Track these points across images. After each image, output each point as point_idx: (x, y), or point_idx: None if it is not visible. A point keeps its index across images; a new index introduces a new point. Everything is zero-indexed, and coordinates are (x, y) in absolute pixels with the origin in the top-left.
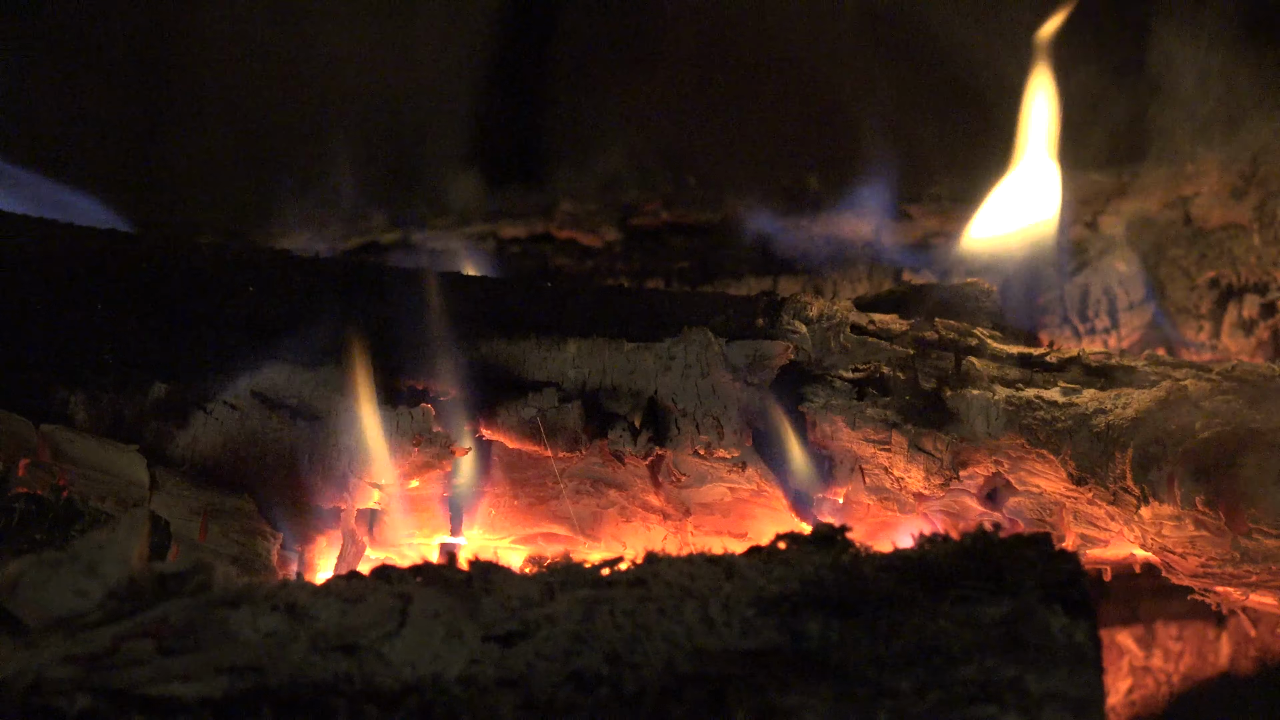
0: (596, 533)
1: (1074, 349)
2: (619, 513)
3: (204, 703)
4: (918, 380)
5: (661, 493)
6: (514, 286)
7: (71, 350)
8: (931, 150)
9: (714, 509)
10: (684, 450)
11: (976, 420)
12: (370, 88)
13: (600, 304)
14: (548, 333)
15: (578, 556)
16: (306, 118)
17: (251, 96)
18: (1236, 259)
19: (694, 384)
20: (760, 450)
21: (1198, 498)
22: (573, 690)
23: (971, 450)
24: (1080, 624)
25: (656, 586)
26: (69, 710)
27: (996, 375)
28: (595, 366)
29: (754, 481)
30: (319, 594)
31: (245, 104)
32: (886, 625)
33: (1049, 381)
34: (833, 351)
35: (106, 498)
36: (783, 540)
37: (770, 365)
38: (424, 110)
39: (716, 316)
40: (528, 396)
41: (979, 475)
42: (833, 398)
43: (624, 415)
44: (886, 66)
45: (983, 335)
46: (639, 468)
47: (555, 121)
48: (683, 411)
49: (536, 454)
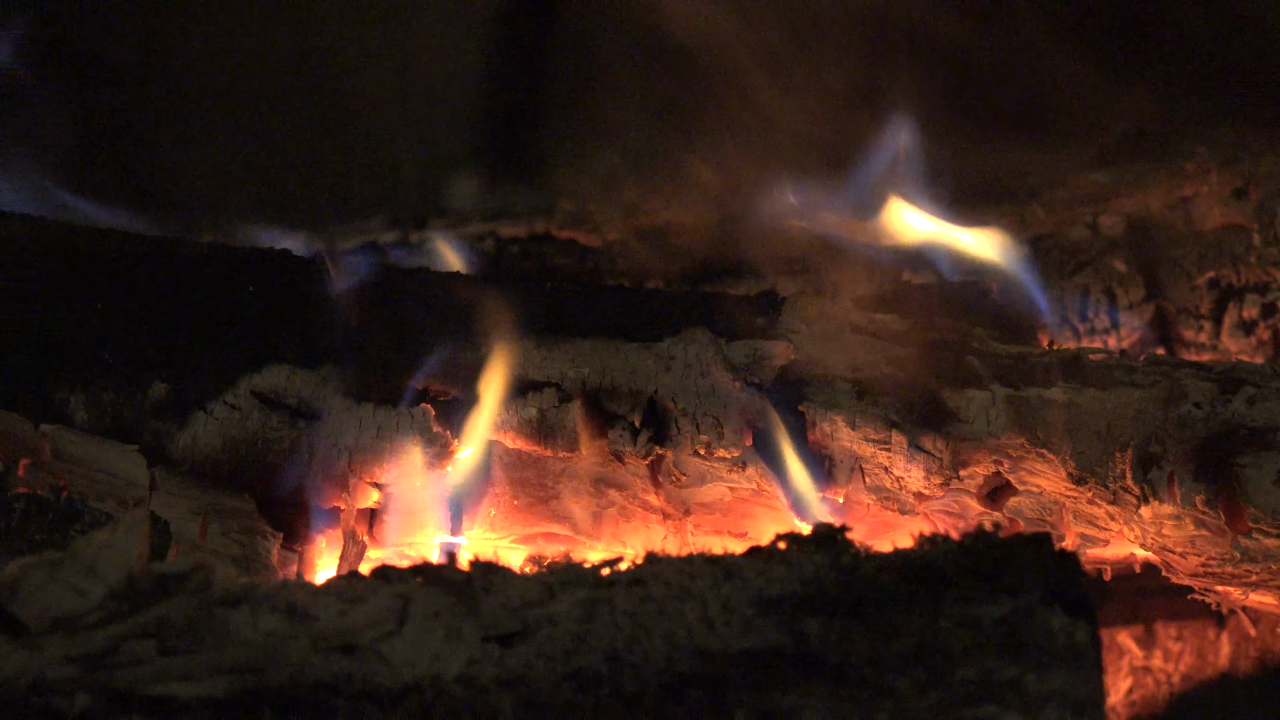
0: (596, 533)
1: (1074, 349)
2: (619, 512)
3: (204, 703)
4: (917, 380)
5: (661, 492)
6: (514, 286)
7: (71, 350)
8: (933, 150)
9: (714, 508)
10: (684, 450)
11: (977, 420)
12: (370, 87)
13: (600, 303)
14: (547, 332)
15: (578, 556)
16: (307, 117)
17: (251, 96)
18: (1236, 259)
19: (694, 384)
20: (760, 450)
21: (1198, 497)
22: (573, 690)
23: (972, 450)
24: (1080, 624)
25: (656, 586)
26: (69, 710)
27: (997, 374)
28: (595, 366)
29: (754, 481)
30: (319, 594)
31: (245, 103)
32: (886, 625)
33: (1049, 381)
34: (833, 351)
35: (106, 498)
36: (783, 540)
37: (770, 365)
38: (424, 110)
39: (716, 316)
40: (528, 396)
41: (979, 475)
42: (833, 397)
43: (624, 415)
44: (887, 64)
45: (983, 335)
46: (639, 467)
47: (555, 121)
48: (683, 411)
49: (536, 454)
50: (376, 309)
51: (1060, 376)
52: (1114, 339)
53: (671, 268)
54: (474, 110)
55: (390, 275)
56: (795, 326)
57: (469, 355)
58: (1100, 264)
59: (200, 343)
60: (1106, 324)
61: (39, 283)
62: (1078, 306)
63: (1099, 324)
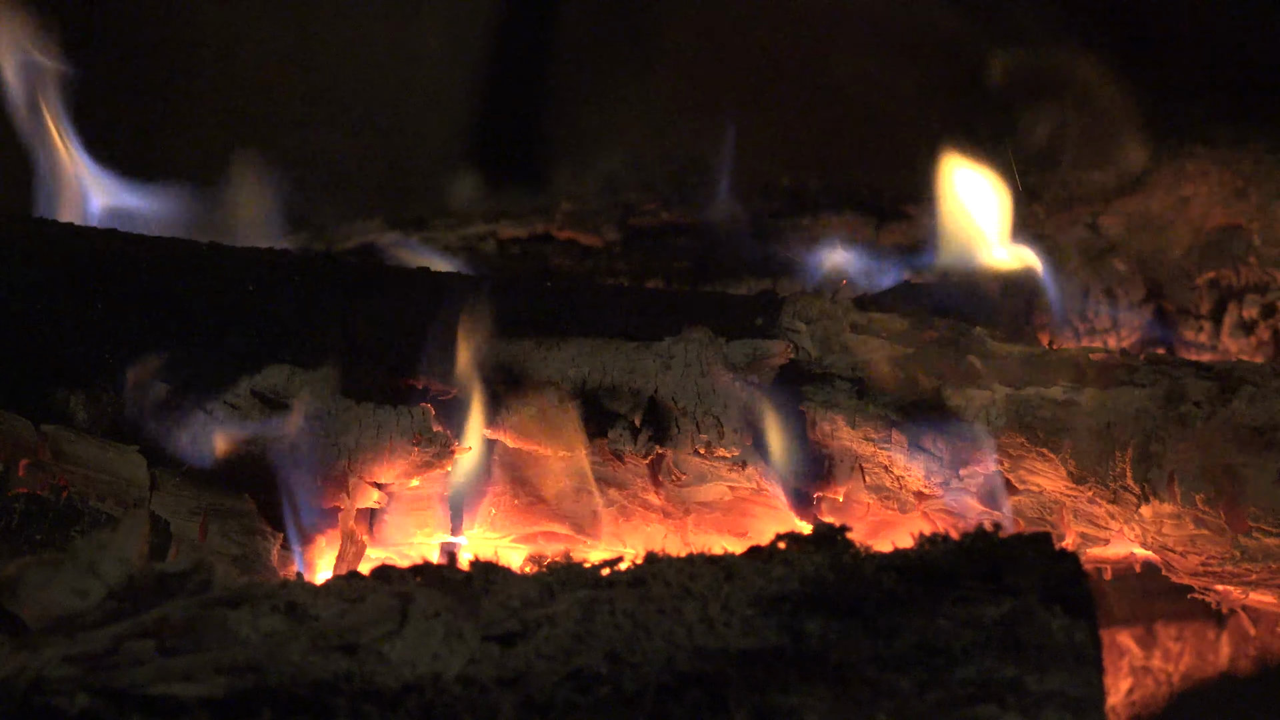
0: (596, 532)
1: (1074, 348)
2: (619, 512)
3: (204, 703)
4: (918, 379)
5: (662, 491)
6: (514, 286)
7: (71, 350)
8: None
9: (714, 507)
10: (684, 449)
11: (977, 419)
12: (370, 87)
13: (600, 303)
14: (547, 332)
15: (578, 556)
16: (307, 116)
17: (251, 94)
18: (1237, 259)
19: (694, 383)
20: (760, 449)
21: (1198, 496)
22: (573, 690)
23: (971, 449)
24: (1080, 624)
25: (656, 586)
26: (69, 710)
27: (996, 374)
28: (595, 366)
29: (754, 480)
30: (319, 594)
31: (245, 102)
32: (886, 625)
33: (1049, 380)
34: (833, 350)
35: (106, 498)
36: (783, 540)
37: (770, 364)
38: (424, 110)
39: (716, 316)
40: (528, 395)
41: (979, 474)
42: (833, 396)
43: (624, 414)
44: (890, 65)
45: (983, 334)
46: (639, 466)
47: (555, 121)
48: (683, 410)
49: (537, 453)
50: (376, 309)
51: (1060, 376)
52: (1114, 338)
53: (671, 267)
54: (474, 110)
55: (390, 275)
56: (795, 326)
57: (469, 355)
58: (1100, 264)
59: (200, 343)
60: (1107, 324)
61: (39, 282)
62: (1078, 306)
63: (1099, 324)
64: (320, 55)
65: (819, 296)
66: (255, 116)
